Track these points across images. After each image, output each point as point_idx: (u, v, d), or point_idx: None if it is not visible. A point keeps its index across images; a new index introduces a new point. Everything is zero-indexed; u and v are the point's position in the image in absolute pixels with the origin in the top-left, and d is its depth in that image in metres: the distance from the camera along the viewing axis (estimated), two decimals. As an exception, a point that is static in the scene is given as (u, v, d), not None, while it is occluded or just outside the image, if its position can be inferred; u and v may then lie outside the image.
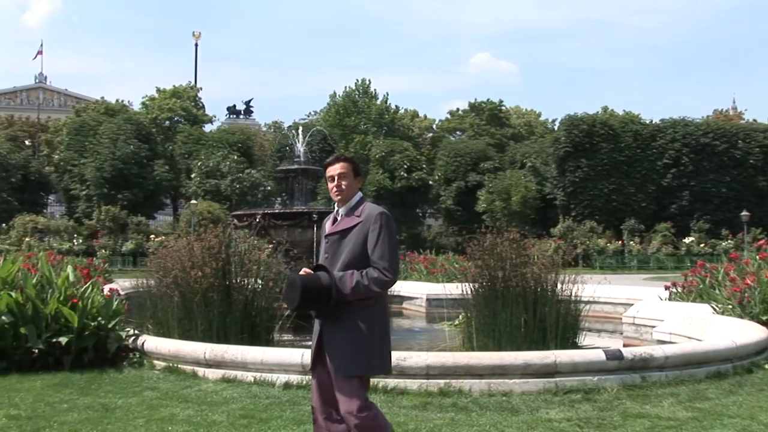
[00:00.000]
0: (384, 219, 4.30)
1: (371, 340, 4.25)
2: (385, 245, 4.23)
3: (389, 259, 4.22)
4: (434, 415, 6.41)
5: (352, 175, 4.44)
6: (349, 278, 4.20)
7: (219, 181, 48.26)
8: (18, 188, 49.45)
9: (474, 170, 53.72)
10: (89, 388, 7.64)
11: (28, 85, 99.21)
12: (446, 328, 11.72)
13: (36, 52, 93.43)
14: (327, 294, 4.19)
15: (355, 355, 4.22)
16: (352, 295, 4.19)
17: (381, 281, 4.19)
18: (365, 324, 4.24)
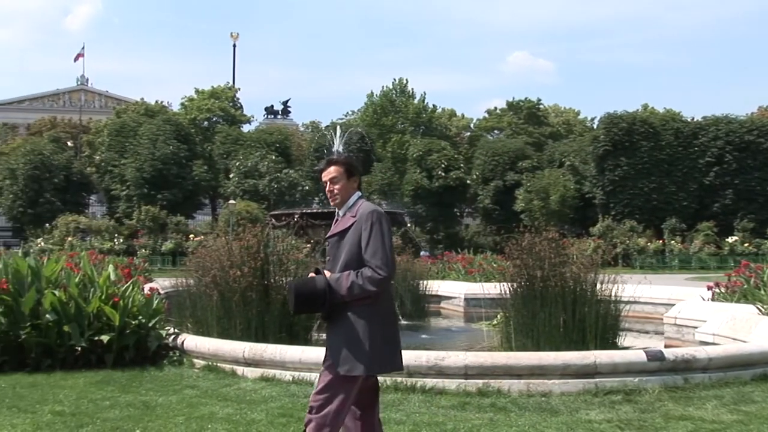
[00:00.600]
0: (375, 217, 4.28)
1: (369, 339, 4.22)
2: (377, 243, 4.21)
3: (381, 257, 4.19)
4: (473, 415, 6.38)
5: (345, 177, 4.43)
6: (345, 279, 4.20)
7: (257, 181, 48.56)
8: (61, 189, 50.17)
9: (512, 169, 53.38)
10: (130, 385, 7.73)
11: (71, 88, 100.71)
12: (484, 327, 11.67)
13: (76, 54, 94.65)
14: (321, 297, 4.22)
15: (352, 355, 4.21)
16: (349, 295, 4.19)
17: (374, 279, 4.17)
18: (363, 324, 4.23)
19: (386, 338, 4.31)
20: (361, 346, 4.21)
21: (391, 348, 4.36)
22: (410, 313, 14.40)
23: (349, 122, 62.55)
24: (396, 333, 4.45)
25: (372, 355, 4.21)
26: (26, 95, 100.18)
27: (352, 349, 4.21)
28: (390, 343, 4.35)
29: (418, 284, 15.21)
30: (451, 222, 54.62)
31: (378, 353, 4.24)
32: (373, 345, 4.22)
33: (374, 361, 4.23)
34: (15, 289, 8.74)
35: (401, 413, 6.41)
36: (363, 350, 4.20)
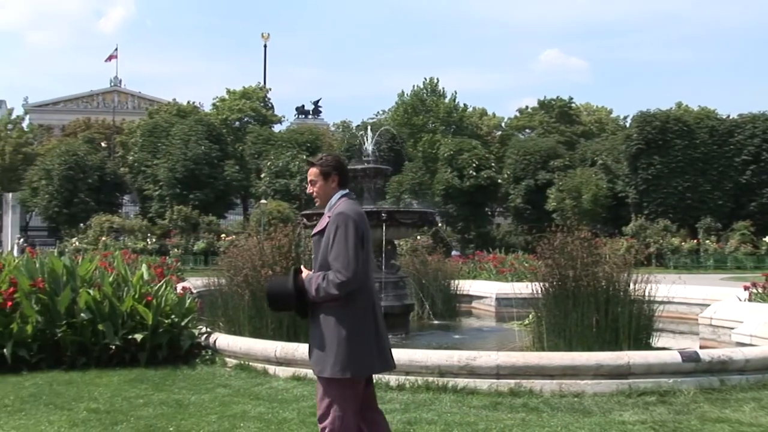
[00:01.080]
0: (340, 219, 4.26)
1: (337, 341, 4.20)
2: (340, 246, 4.20)
3: (342, 260, 4.17)
4: (504, 415, 6.35)
5: (322, 178, 4.46)
6: (314, 280, 4.23)
7: (288, 181, 48.79)
8: (95, 189, 50.72)
9: (543, 168, 53.08)
10: (163, 384, 7.80)
11: (104, 89, 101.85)
12: (516, 327, 11.61)
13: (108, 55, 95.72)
14: (290, 297, 4.28)
15: (323, 357, 4.23)
16: (317, 296, 4.21)
17: (335, 283, 4.15)
18: (332, 325, 4.22)
19: (361, 340, 4.24)
20: (330, 347, 4.21)
21: (367, 349, 4.29)
22: (441, 313, 14.36)
23: (380, 122, 62.54)
24: (375, 335, 4.34)
25: (341, 357, 4.18)
26: (61, 97, 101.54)
27: (323, 351, 4.23)
28: (366, 345, 4.27)
29: (450, 284, 15.16)
30: (483, 221, 54.41)
31: (348, 355, 4.19)
32: (342, 347, 4.19)
33: (344, 362, 4.18)
34: (51, 288, 8.86)
35: (433, 413, 6.40)
36: (332, 352, 4.20)
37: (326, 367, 4.20)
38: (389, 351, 4.45)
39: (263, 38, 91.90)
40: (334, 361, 4.18)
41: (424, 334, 12.70)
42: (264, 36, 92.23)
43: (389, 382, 7.45)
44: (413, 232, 16.87)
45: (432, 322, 13.98)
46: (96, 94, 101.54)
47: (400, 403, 6.78)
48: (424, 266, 15.09)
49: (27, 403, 6.85)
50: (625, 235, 42.59)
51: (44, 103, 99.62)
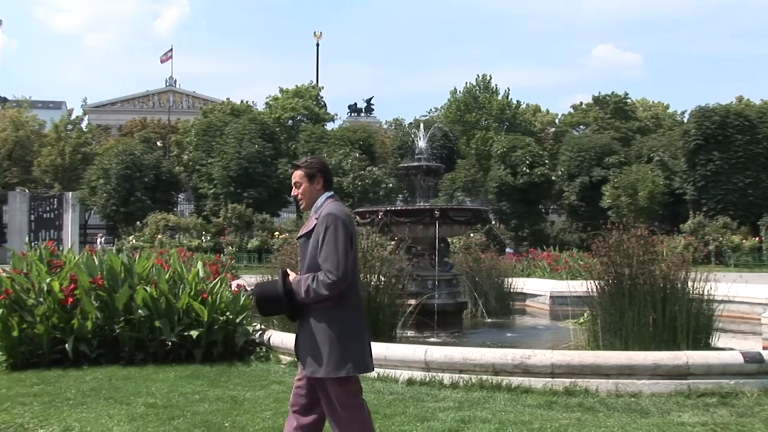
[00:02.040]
0: (330, 220, 4.31)
1: (329, 341, 4.26)
2: (329, 246, 4.24)
3: (332, 261, 4.21)
4: (560, 414, 6.28)
5: (307, 181, 4.53)
6: (303, 282, 4.27)
7: (341, 179, 48.85)
8: (151, 187, 51.45)
9: (598, 165, 52.35)
10: (219, 380, 7.89)
11: (160, 89, 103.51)
12: (571, 326, 11.47)
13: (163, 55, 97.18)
14: (280, 300, 4.33)
15: (314, 357, 4.29)
16: (307, 298, 4.26)
17: (325, 283, 4.19)
18: (323, 326, 4.27)
19: (351, 339, 4.32)
20: (322, 348, 4.26)
21: (361, 348, 4.38)
22: (495, 311, 14.28)
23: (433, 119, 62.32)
24: (361, 334, 4.42)
25: (335, 357, 4.24)
26: (118, 97, 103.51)
27: (314, 351, 4.29)
28: (359, 344, 4.37)
29: (503, 282, 15.07)
30: (536, 219, 53.82)
31: (342, 354, 4.26)
32: (333, 347, 4.25)
33: (337, 361, 4.25)
34: (110, 285, 9.03)
35: (487, 411, 6.36)
36: (323, 352, 4.26)
37: (320, 367, 4.26)
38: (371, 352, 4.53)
39: (316, 37, 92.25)
40: (327, 361, 4.25)
41: (477, 332, 12.65)
42: (317, 34, 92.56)
43: (443, 380, 7.44)
44: (466, 230, 16.80)
45: (485, 320, 13.92)
46: (152, 94, 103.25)
47: (453, 401, 6.76)
48: (478, 264, 15.02)
49: (88, 397, 7.00)
50: (682, 233, 41.77)
51: (102, 103, 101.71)
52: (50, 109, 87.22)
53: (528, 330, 13.62)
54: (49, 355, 8.68)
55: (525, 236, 51.11)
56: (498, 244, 22.48)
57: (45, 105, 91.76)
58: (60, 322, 8.69)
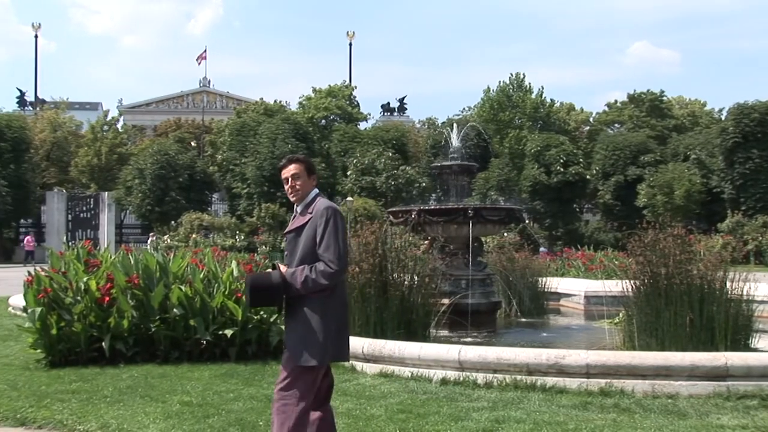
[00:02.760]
0: (330, 213, 4.45)
1: (323, 331, 4.38)
2: (330, 238, 4.38)
3: (334, 251, 4.35)
4: (595, 415, 6.22)
5: (306, 175, 4.63)
6: (300, 273, 4.36)
7: (374, 178, 48.96)
8: (185, 187, 51.92)
9: (633, 164, 51.89)
10: (253, 379, 7.93)
11: (194, 90, 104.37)
12: (606, 326, 11.35)
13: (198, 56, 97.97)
14: (276, 291, 4.42)
15: (308, 346, 4.37)
16: (303, 289, 4.35)
17: (327, 273, 4.32)
18: (318, 316, 4.38)
19: (339, 329, 4.47)
20: (316, 337, 4.37)
21: (343, 338, 4.53)
22: (529, 311, 14.19)
23: (466, 118, 62.11)
24: (347, 324, 4.61)
25: (326, 346, 4.38)
26: (153, 98, 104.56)
27: (308, 341, 4.37)
28: (342, 334, 4.51)
29: (537, 281, 14.97)
30: (571, 218, 53.48)
31: (331, 344, 4.41)
32: (327, 336, 4.38)
33: (327, 351, 4.40)
34: (145, 284, 9.12)
35: (521, 411, 6.32)
36: (318, 341, 4.36)
37: (311, 356, 4.36)
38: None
39: (348, 36, 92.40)
40: (318, 350, 4.36)
41: (511, 332, 12.59)
42: (349, 34, 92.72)
43: (476, 379, 7.41)
44: (500, 229, 16.73)
45: (519, 320, 13.84)
46: (186, 94, 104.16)
47: (487, 401, 6.73)
48: (512, 263, 14.92)
49: (124, 395, 7.08)
50: (720, 232, 41.22)
51: (137, 104, 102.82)
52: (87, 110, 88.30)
53: (562, 330, 13.52)
54: (87, 353, 8.79)
55: (559, 235, 50.81)
56: (532, 244, 22.31)
57: (82, 106, 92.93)
58: (97, 321, 8.79)
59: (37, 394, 7.20)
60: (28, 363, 8.89)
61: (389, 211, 13.06)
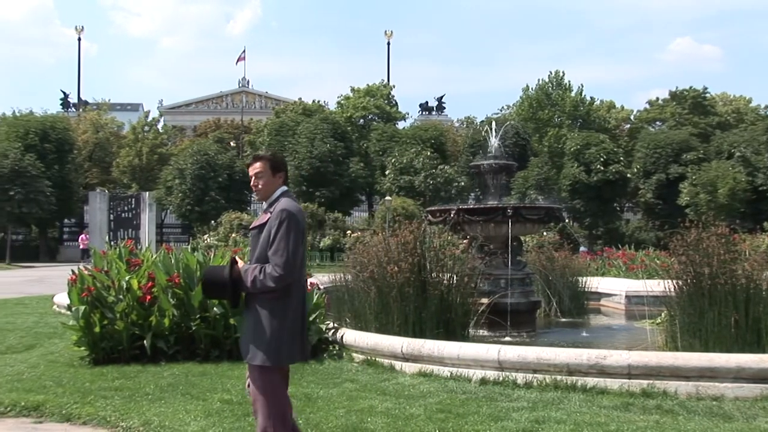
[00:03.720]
0: (284, 216, 4.42)
1: (271, 332, 4.40)
2: (281, 242, 4.37)
3: (282, 256, 4.34)
4: (637, 416, 6.14)
5: (270, 173, 4.61)
6: (251, 272, 4.39)
7: (413, 178, 48.85)
8: (224, 187, 52.27)
9: (675, 162, 51.09)
10: (292, 377, 7.87)
11: (233, 90, 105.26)
12: (647, 326, 11.22)
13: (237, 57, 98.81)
14: (224, 286, 4.47)
15: (255, 345, 4.43)
16: (252, 288, 4.39)
17: (272, 277, 4.33)
18: (266, 316, 4.41)
19: (292, 332, 4.47)
20: (266, 338, 4.40)
21: (296, 341, 4.51)
22: (569, 310, 14.08)
23: (505, 117, 61.76)
24: (302, 327, 4.58)
25: (277, 348, 4.41)
26: (192, 99, 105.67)
27: (255, 339, 4.44)
28: (295, 336, 4.50)
29: (577, 281, 14.85)
30: (611, 217, 52.86)
31: (284, 345, 4.43)
32: (278, 338, 4.41)
33: (280, 353, 4.42)
34: (186, 283, 9.20)
35: (561, 412, 6.27)
36: (266, 342, 4.40)
37: (257, 355, 4.41)
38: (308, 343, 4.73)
39: (386, 36, 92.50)
40: (266, 349, 4.39)
41: (551, 332, 12.50)
42: (387, 33, 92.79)
43: (516, 379, 7.37)
44: (539, 229, 16.62)
45: (559, 320, 13.74)
46: (225, 95, 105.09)
47: (527, 401, 6.68)
48: (551, 263, 14.82)
49: (166, 392, 7.15)
50: (766, 231, 40.51)
51: (177, 105, 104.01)
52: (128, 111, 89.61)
53: (603, 330, 13.39)
54: (129, 351, 8.90)
55: (599, 235, 50.29)
56: (572, 243, 22.12)
57: (123, 107, 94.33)
58: (139, 319, 8.89)
59: (81, 390, 7.32)
60: (72, 360, 9.03)
61: (428, 211, 13.04)
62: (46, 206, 47.53)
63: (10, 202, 45.58)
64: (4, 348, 10.37)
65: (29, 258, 48.82)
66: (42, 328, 12.19)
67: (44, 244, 52.91)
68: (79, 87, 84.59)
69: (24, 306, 16.16)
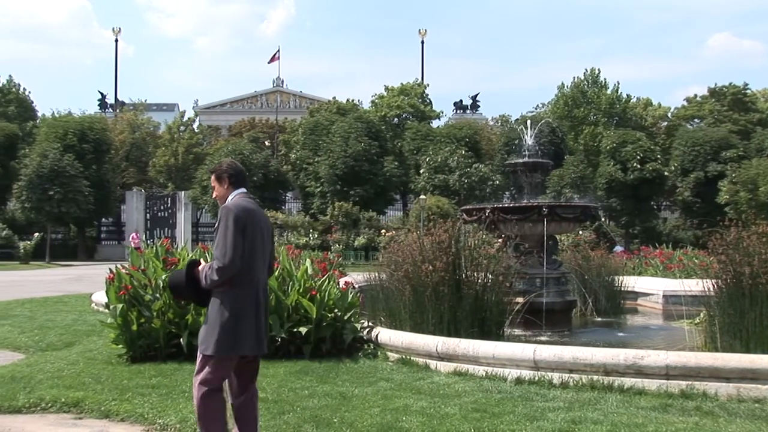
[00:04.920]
0: (223, 213, 4.86)
1: (218, 323, 4.76)
2: (219, 237, 4.77)
3: (220, 249, 4.72)
4: (676, 418, 6.06)
5: (218, 183, 5.13)
6: (203, 270, 4.83)
7: (447, 176, 48.73)
8: (259, 186, 52.47)
9: (714, 159, 50.35)
10: (327, 376, 7.98)
11: (267, 90, 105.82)
12: (685, 326, 11.07)
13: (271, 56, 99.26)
14: (183, 286, 4.91)
15: (205, 336, 4.80)
16: (206, 284, 4.79)
17: (214, 269, 4.72)
18: (217, 309, 4.79)
19: (239, 323, 4.77)
20: (213, 329, 4.77)
21: (243, 332, 4.80)
22: (605, 310, 13.96)
23: (540, 115, 61.43)
24: (255, 318, 4.85)
25: (222, 339, 4.74)
26: (227, 98, 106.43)
27: (207, 332, 4.81)
28: (242, 328, 4.79)
29: (613, 280, 14.71)
30: (648, 216, 52.28)
31: (230, 337, 4.75)
32: (224, 329, 4.75)
33: (225, 344, 4.74)
34: (222, 281, 9.24)
35: (598, 412, 6.21)
36: (214, 333, 4.76)
37: (209, 345, 4.76)
38: (265, 336, 4.99)
39: (420, 34, 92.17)
40: (216, 340, 4.73)
41: (587, 331, 12.40)
42: (421, 32, 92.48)
43: (552, 379, 7.31)
44: (575, 227, 16.48)
45: (595, 319, 13.62)
46: (259, 94, 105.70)
47: (563, 401, 6.63)
48: (587, 262, 14.71)
49: (201, 391, 7.19)
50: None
51: (212, 105, 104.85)
52: (164, 111, 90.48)
53: (639, 330, 13.25)
54: (166, 349, 8.98)
55: (636, 233, 49.77)
56: (608, 242, 21.95)
57: (159, 107, 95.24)
58: (175, 317, 8.97)
59: (119, 387, 7.40)
60: (110, 358, 9.14)
61: (463, 209, 12.98)
62: (84, 206, 48.20)
63: (50, 201, 46.31)
64: (44, 345, 10.55)
65: (68, 257, 49.59)
66: (81, 326, 12.36)
67: (82, 243, 53.66)
68: (116, 88, 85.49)
69: (63, 304, 16.41)
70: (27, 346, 10.59)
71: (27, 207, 47.19)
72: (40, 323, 12.78)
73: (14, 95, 70.85)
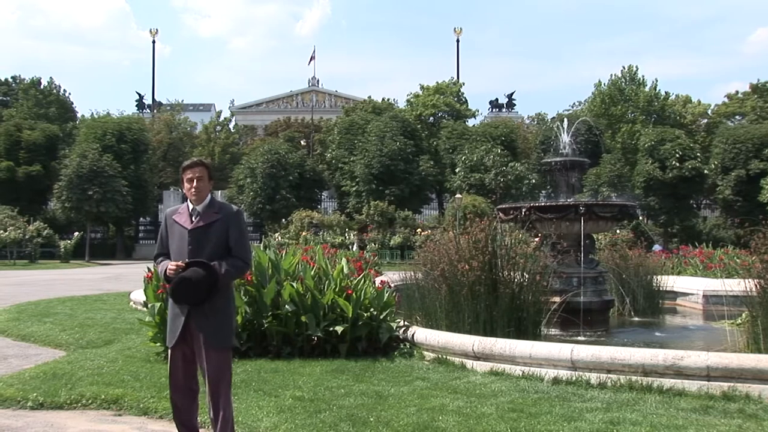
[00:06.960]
0: (242, 217, 5.24)
1: (232, 317, 5.17)
2: (245, 239, 5.15)
3: (246, 248, 5.15)
4: (717, 420, 5.95)
5: (207, 178, 5.15)
6: (223, 267, 4.94)
7: (483, 175, 48.55)
8: (295, 186, 52.78)
9: (756, 157, 49.49)
10: (363, 375, 7.97)
11: (303, 89, 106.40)
12: (727, 327, 10.89)
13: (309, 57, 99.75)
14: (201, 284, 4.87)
15: (221, 328, 5.01)
16: (223, 280, 4.94)
17: (243, 269, 5.18)
18: (227, 302, 5.09)
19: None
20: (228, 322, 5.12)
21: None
22: (643, 310, 13.80)
23: (576, 113, 60.92)
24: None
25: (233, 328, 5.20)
26: (263, 98, 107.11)
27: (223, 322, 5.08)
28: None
29: (652, 279, 14.52)
30: (687, 214, 51.60)
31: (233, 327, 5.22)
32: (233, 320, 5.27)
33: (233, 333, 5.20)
34: (258, 281, 9.30)
35: (637, 413, 6.13)
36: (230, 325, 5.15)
37: (227, 336, 5.06)
38: None
39: (456, 33, 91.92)
40: (232, 332, 5.12)
41: (624, 331, 12.25)
42: (456, 30, 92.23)
43: (590, 379, 7.24)
44: (612, 226, 16.30)
45: (633, 319, 13.47)
46: (295, 94, 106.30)
47: (601, 402, 6.56)
48: (625, 261, 14.54)
49: (239, 389, 7.22)
50: None
51: (248, 105, 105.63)
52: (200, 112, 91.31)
53: (678, 330, 13.08)
54: (203, 348, 9.02)
55: (675, 232, 49.18)
56: (646, 241, 21.66)
57: (195, 108, 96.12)
58: (213, 316, 9.01)
59: (157, 385, 7.46)
60: (149, 355, 9.23)
61: (499, 208, 12.91)
62: (123, 205, 48.80)
63: (89, 201, 46.96)
64: (84, 343, 10.69)
65: (106, 256, 50.27)
66: (119, 324, 12.50)
67: (121, 242, 54.36)
68: (154, 88, 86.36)
69: (103, 302, 16.62)
70: (68, 343, 10.75)
71: (67, 207, 47.89)
72: (80, 321, 12.95)
73: (55, 97, 72.08)
